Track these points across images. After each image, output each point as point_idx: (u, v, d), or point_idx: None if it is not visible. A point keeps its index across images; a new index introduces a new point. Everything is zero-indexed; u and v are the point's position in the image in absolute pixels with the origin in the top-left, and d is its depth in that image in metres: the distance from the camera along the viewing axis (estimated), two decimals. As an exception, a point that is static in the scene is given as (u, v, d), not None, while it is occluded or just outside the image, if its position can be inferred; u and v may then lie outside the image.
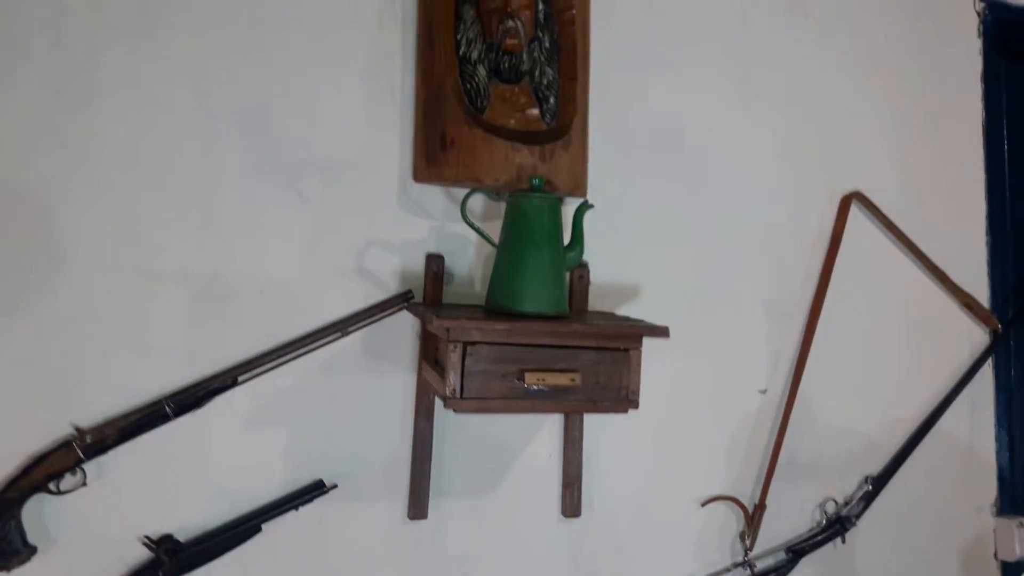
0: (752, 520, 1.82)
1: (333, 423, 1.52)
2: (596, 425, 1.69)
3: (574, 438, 1.66)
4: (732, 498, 1.82)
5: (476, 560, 1.62)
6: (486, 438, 1.63)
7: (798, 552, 1.86)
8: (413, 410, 1.56)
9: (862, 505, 1.92)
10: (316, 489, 1.48)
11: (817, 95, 1.96)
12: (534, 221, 1.41)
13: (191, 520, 1.43)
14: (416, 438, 1.56)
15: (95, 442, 1.34)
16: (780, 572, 1.86)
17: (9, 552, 1.31)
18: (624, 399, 1.35)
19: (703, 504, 1.81)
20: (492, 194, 1.55)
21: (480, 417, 1.61)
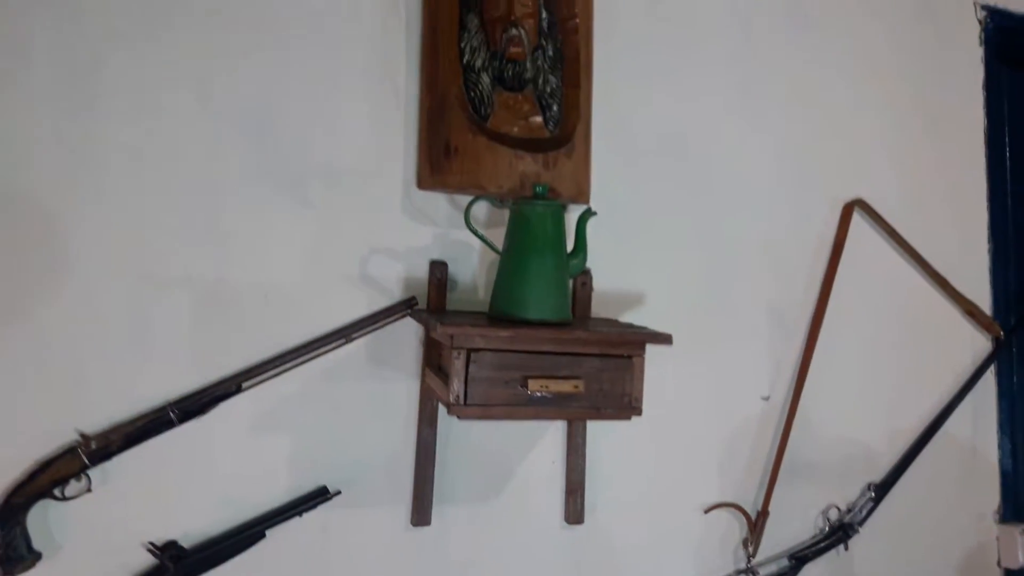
0: (755, 527, 1.82)
1: (337, 430, 1.53)
2: (599, 432, 1.69)
3: (577, 445, 1.66)
4: (735, 505, 1.82)
5: (479, 567, 1.62)
6: (489, 445, 1.63)
7: (801, 559, 1.86)
8: (416, 417, 1.56)
9: (865, 512, 1.92)
10: (320, 495, 1.48)
11: (819, 102, 1.97)
12: (537, 228, 1.42)
13: (195, 526, 1.43)
14: (419, 445, 1.56)
15: (100, 448, 1.34)
16: (783, 579, 1.86)
17: (14, 558, 1.31)
18: (627, 406, 1.35)
19: (706, 511, 1.80)
20: (496, 201, 1.55)
21: (483, 424, 1.61)
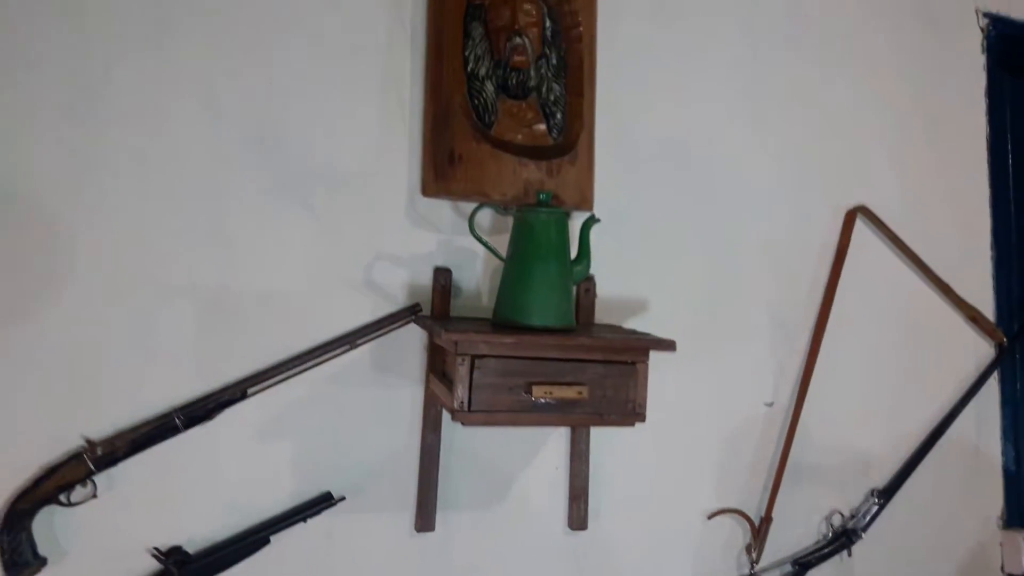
0: (758, 533, 1.82)
1: (341, 435, 1.53)
2: (603, 438, 1.69)
3: (581, 451, 1.66)
4: (738, 511, 1.82)
5: (483, 572, 1.62)
6: (493, 450, 1.63)
7: (804, 565, 1.86)
8: (420, 423, 1.57)
9: (869, 518, 1.92)
10: (324, 501, 1.49)
11: (822, 109, 1.97)
12: (541, 235, 1.42)
13: (200, 532, 1.43)
14: (423, 450, 1.56)
15: (105, 454, 1.35)
16: (786, 585, 1.86)
17: (20, 564, 1.31)
18: (631, 412, 1.35)
19: (709, 517, 1.81)
20: (500, 208, 1.55)
21: (487, 430, 1.61)
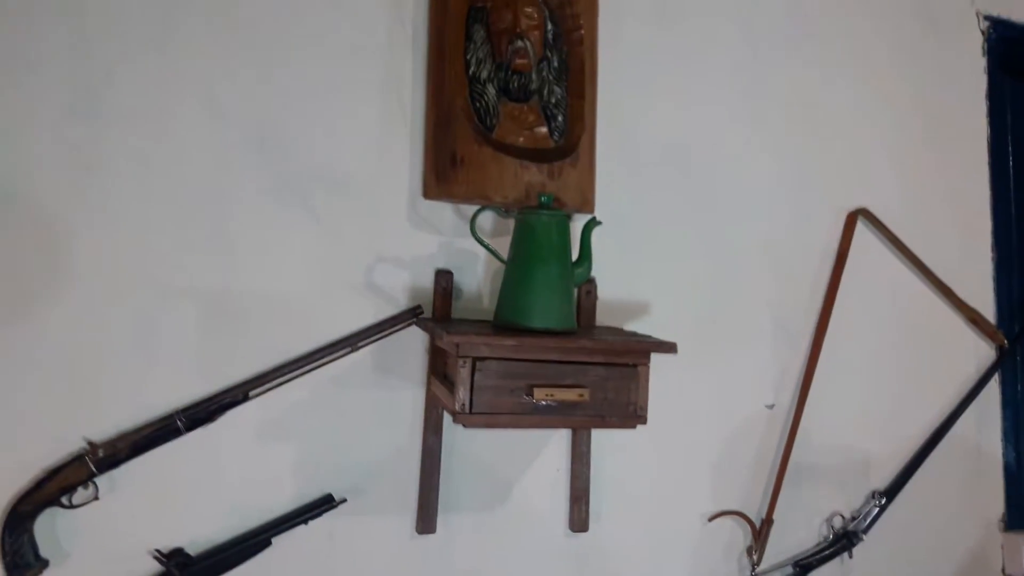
0: (759, 535, 1.82)
1: (343, 437, 1.53)
2: (604, 440, 1.69)
3: (582, 453, 1.67)
4: (739, 513, 1.82)
5: (484, 574, 1.62)
6: (494, 453, 1.63)
7: (805, 567, 1.86)
8: (422, 425, 1.57)
9: (869, 520, 1.92)
10: (326, 503, 1.49)
11: (823, 111, 1.97)
12: (543, 238, 1.43)
13: (202, 534, 1.44)
14: (425, 452, 1.56)
15: (107, 456, 1.35)
16: (787, 587, 1.86)
17: (22, 565, 1.31)
18: (632, 414, 1.36)
19: (710, 519, 1.81)
20: (501, 211, 1.56)
21: (488, 432, 1.62)
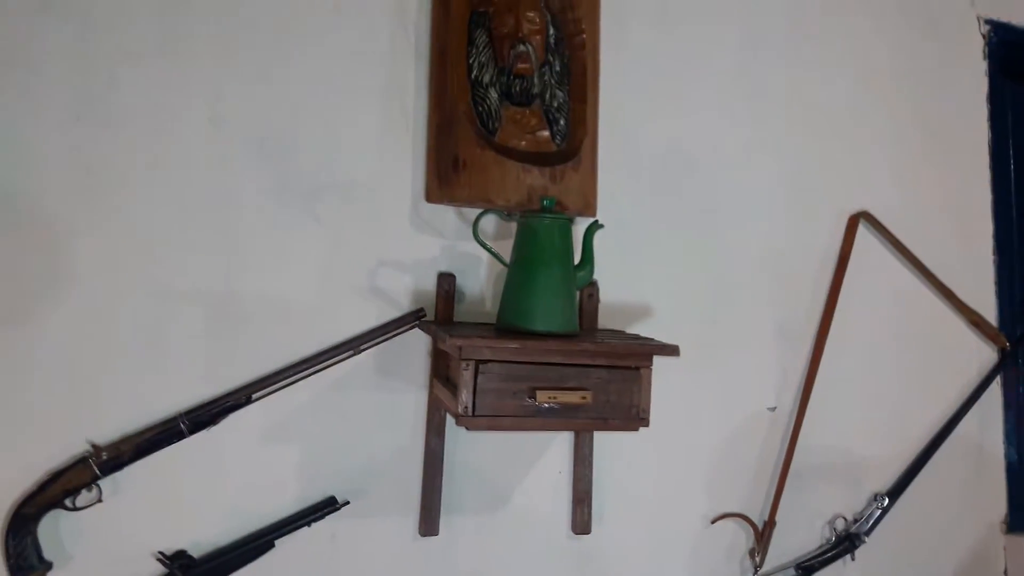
0: (762, 537, 1.83)
1: (345, 440, 1.53)
2: (606, 442, 1.69)
3: (584, 455, 1.67)
4: (742, 515, 1.82)
5: (487, 577, 1.63)
6: (496, 455, 1.64)
7: (808, 569, 1.86)
8: (424, 427, 1.57)
9: (872, 522, 1.92)
10: (328, 505, 1.49)
11: (824, 115, 1.97)
12: (545, 241, 1.43)
13: (205, 536, 1.44)
14: (427, 455, 1.57)
15: (111, 459, 1.36)
16: (790, 589, 1.86)
17: (25, 568, 1.32)
18: (635, 417, 1.36)
19: (713, 521, 1.81)
20: (503, 214, 1.56)
21: (490, 434, 1.62)
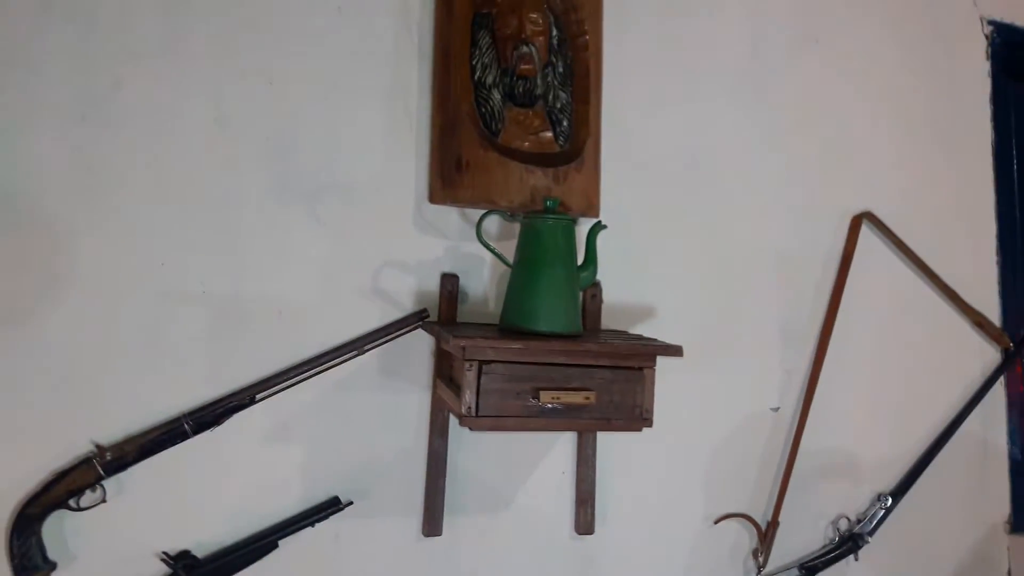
0: (765, 537, 1.83)
1: (349, 440, 1.53)
2: (609, 442, 1.69)
3: (587, 456, 1.67)
4: (745, 515, 1.82)
5: (490, 577, 1.63)
6: (500, 455, 1.64)
7: (811, 569, 1.86)
8: (428, 427, 1.57)
9: (875, 522, 1.92)
10: (332, 506, 1.49)
11: (827, 116, 1.97)
12: (548, 241, 1.43)
13: (209, 536, 1.44)
14: (431, 455, 1.57)
15: (115, 459, 1.36)
16: (793, 589, 1.86)
17: (30, 568, 1.32)
18: (638, 417, 1.36)
19: (716, 521, 1.81)
20: (507, 215, 1.56)
21: (494, 434, 1.62)
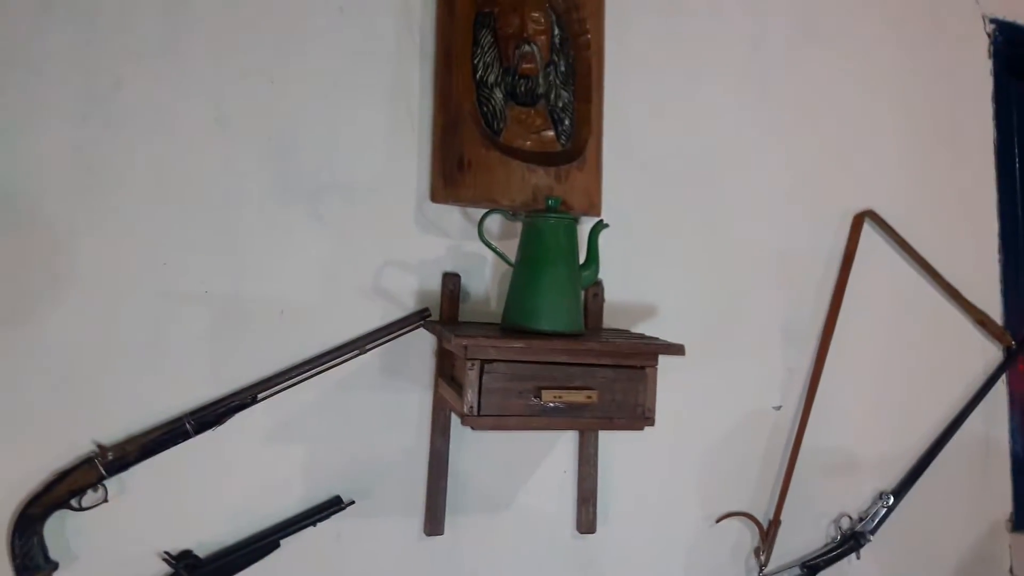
0: (767, 536, 1.83)
1: (350, 440, 1.53)
2: (611, 441, 1.69)
3: (589, 454, 1.67)
4: (747, 514, 1.82)
5: (492, 576, 1.63)
6: (501, 454, 1.63)
7: (813, 568, 1.86)
8: (429, 427, 1.57)
9: (877, 520, 1.92)
10: (334, 505, 1.49)
11: (829, 114, 1.97)
12: (550, 240, 1.43)
13: (210, 536, 1.44)
14: (432, 455, 1.57)
15: (117, 459, 1.36)
16: (795, 588, 1.86)
17: (32, 568, 1.32)
18: (640, 416, 1.36)
19: (718, 520, 1.81)
20: (508, 214, 1.56)
21: (495, 434, 1.62)
